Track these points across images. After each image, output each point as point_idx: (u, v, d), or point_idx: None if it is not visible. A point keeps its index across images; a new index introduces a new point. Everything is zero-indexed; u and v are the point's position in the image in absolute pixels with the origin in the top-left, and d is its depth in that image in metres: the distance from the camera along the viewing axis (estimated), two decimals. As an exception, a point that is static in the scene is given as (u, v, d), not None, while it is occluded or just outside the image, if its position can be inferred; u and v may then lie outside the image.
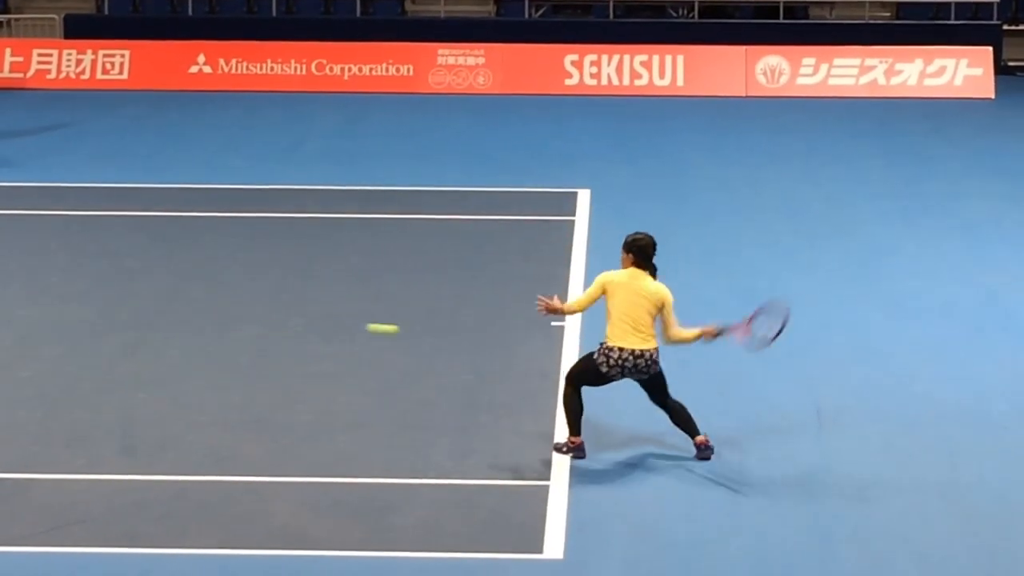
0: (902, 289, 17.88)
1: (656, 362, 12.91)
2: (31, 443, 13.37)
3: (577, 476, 12.66)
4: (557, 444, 13.14)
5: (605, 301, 12.94)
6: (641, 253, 13.00)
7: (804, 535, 11.80)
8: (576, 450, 12.99)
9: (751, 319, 13.20)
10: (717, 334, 13.12)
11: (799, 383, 14.87)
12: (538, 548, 11.47)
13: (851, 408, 14.28)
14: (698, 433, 13.12)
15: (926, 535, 11.82)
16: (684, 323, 12.86)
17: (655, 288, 12.93)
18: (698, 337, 13.09)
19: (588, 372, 12.99)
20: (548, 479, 12.60)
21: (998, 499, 12.43)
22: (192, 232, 20.00)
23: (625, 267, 13.02)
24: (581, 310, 13.30)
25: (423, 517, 11.99)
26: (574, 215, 20.75)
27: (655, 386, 13.07)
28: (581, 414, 13.01)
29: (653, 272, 13.04)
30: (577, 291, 17.24)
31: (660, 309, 12.89)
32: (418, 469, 12.83)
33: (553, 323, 16.26)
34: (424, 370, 15.10)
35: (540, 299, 13.10)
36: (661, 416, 13.27)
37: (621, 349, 12.81)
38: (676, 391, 13.28)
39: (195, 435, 13.56)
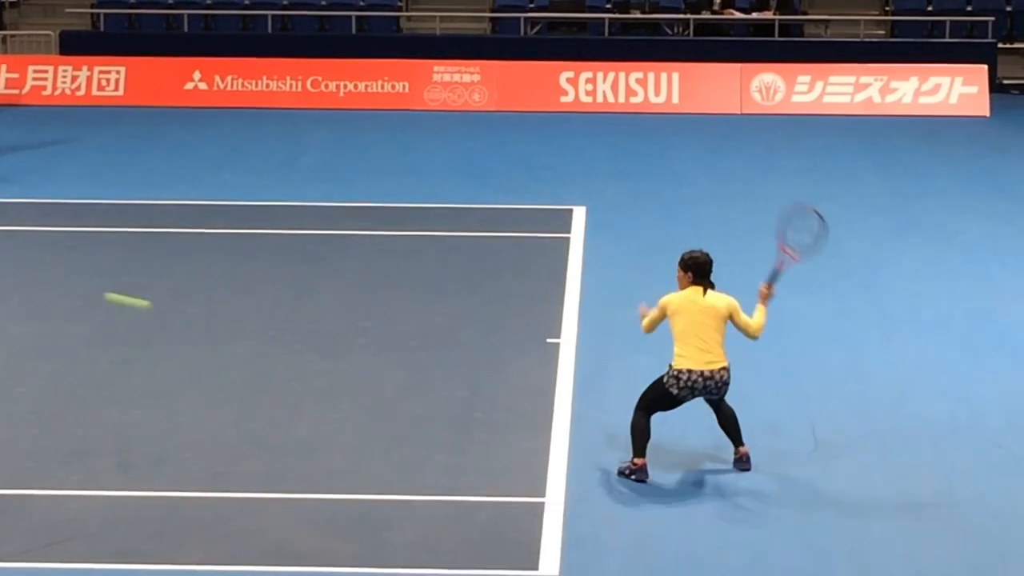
0: (897, 306, 17.92)
1: (727, 383, 12.92)
2: (26, 459, 13.38)
3: (573, 492, 12.67)
4: (621, 467, 13.04)
5: (669, 323, 12.94)
6: (700, 270, 12.97)
7: (801, 552, 11.81)
8: (639, 471, 12.93)
9: (784, 244, 13.22)
10: (771, 286, 13.17)
11: (794, 400, 14.90)
12: (534, 564, 11.48)
13: (846, 425, 14.29)
14: (742, 444, 13.20)
15: (924, 552, 11.83)
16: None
17: (716, 300, 12.95)
18: (765, 307, 13.10)
19: (660, 399, 12.97)
20: (544, 495, 12.61)
21: (995, 515, 12.46)
22: (187, 248, 20.02)
23: (683, 287, 13.00)
24: (650, 331, 13.24)
25: (418, 533, 12.01)
26: (569, 232, 20.77)
27: (720, 401, 13.12)
28: (648, 439, 12.95)
29: (710, 288, 13.00)
30: (572, 309, 17.29)
31: (728, 319, 12.93)
32: (413, 485, 12.85)
33: (548, 340, 16.30)
34: (419, 386, 15.12)
35: (642, 307, 13.20)
36: (658, 433, 13.29)
37: (690, 371, 12.81)
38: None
39: (190, 451, 13.57)
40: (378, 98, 30.26)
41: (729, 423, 13.19)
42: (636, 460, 12.96)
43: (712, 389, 12.89)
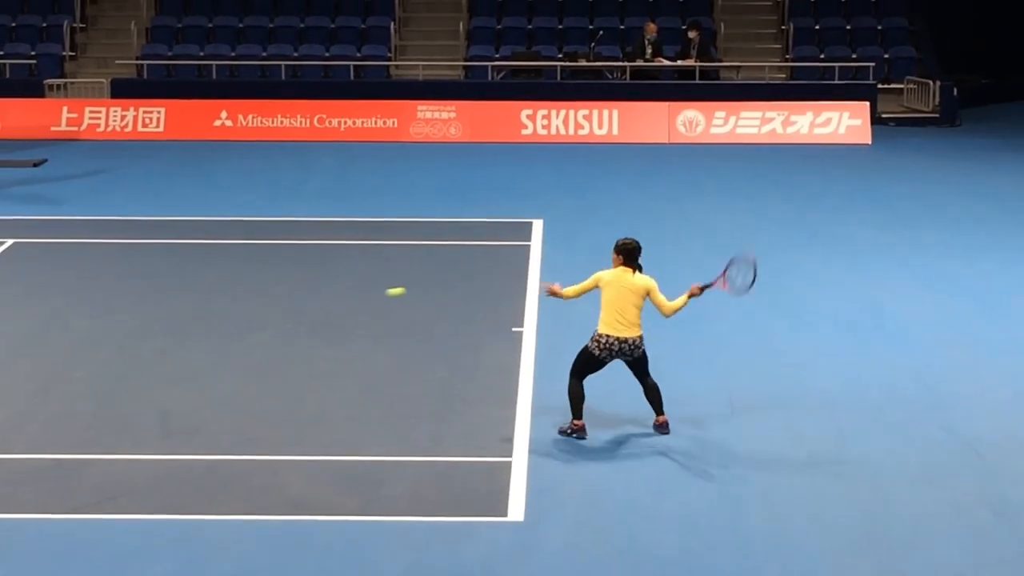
0: (798, 300, 17.96)
1: (639, 347, 12.98)
2: (85, 430, 13.34)
3: (534, 453, 12.67)
4: (562, 428, 13.10)
5: (600, 293, 13.02)
6: (630, 255, 13.03)
7: (719, 499, 11.83)
8: (578, 431, 13.02)
9: (725, 271, 13.26)
10: (702, 290, 13.16)
11: (715, 377, 14.92)
12: (503, 512, 11.49)
13: (757, 397, 14.32)
14: (662, 413, 13.23)
15: (819, 499, 11.86)
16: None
17: (639, 281, 12.97)
18: (688, 300, 13.13)
19: (587, 362, 13.03)
20: (510, 456, 12.61)
21: (878, 470, 12.50)
22: (215, 256, 19.97)
23: (615, 267, 13.06)
24: (575, 296, 13.27)
25: (408, 488, 12.00)
26: (530, 240, 20.77)
27: (639, 366, 13.17)
28: (583, 401, 13.03)
29: (638, 270, 13.05)
30: (532, 304, 17.28)
31: (646, 297, 12.97)
32: (403, 448, 12.84)
33: (513, 329, 16.30)
34: (407, 368, 15.10)
35: (543, 284, 13.22)
36: (610, 404, 13.29)
37: (608, 336, 12.91)
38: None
39: (220, 422, 13.54)
40: (372, 132, 30.24)
41: (653, 395, 13.24)
42: (575, 422, 13.04)
43: (627, 351, 12.95)
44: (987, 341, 16.26)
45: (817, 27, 34.23)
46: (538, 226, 21.69)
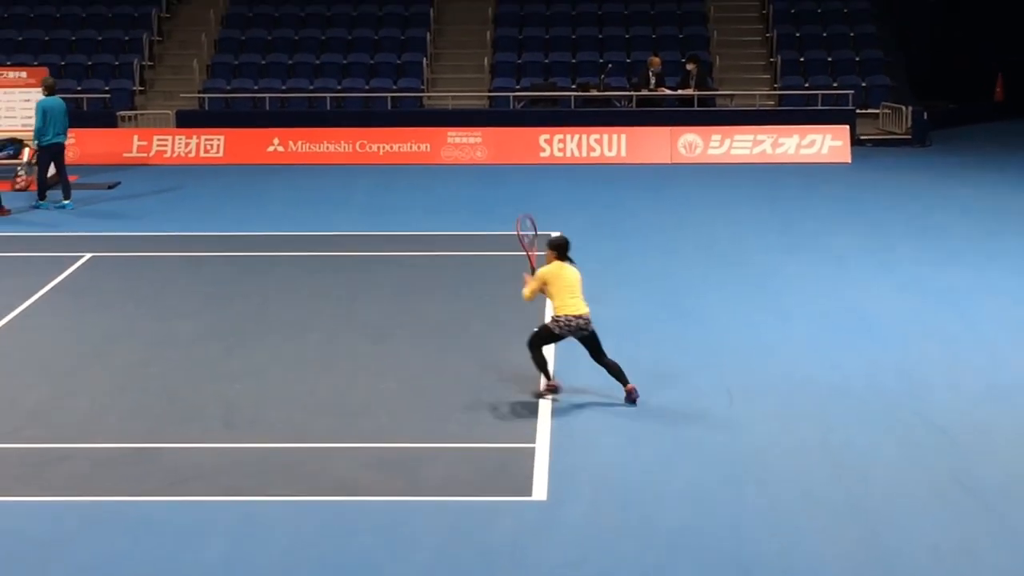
0: (787, 302, 17.90)
1: (590, 322, 13.36)
2: (157, 421, 13.37)
3: (555, 440, 12.67)
4: (539, 392, 13.44)
5: (546, 289, 13.45)
6: (561, 250, 13.64)
7: (719, 478, 11.81)
8: (553, 390, 13.39)
9: (521, 236, 14.21)
10: (532, 268, 13.88)
11: (714, 371, 14.88)
12: (528, 492, 11.50)
13: (752, 389, 14.29)
14: (627, 383, 13.47)
15: (809, 479, 11.84)
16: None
17: (574, 270, 13.57)
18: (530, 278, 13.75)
19: (546, 338, 13.51)
20: (534, 442, 12.61)
21: (860, 453, 12.47)
22: (270, 266, 19.99)
23: (550, 261, 13.58)
24: (532, 297, 13.77)
25: (444, 471, 12.01)
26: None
27: (593, 343, 13.40)
28: (547, 364, 13.50)
29: (569, 262, 13.61)
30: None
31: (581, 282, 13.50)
32: (439, 436, 12.85)
33: (534, 330, 16.24)
34: (441, 365, 15.10)
35: (525, 275, 13.84)
36: (618, 398, 13.26)
37: (567, 316, 13.31)
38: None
39: (277, 414, 13.56)
40: (407, 156, 30.22)
41: (614, 371, 13.50)
42: (549, 383, 13.51)
43: (583, 327, 13.33)
44: (957, 337, 16.20)
45: (802, 59, 34.16)
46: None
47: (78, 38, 35.45)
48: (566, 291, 13.35)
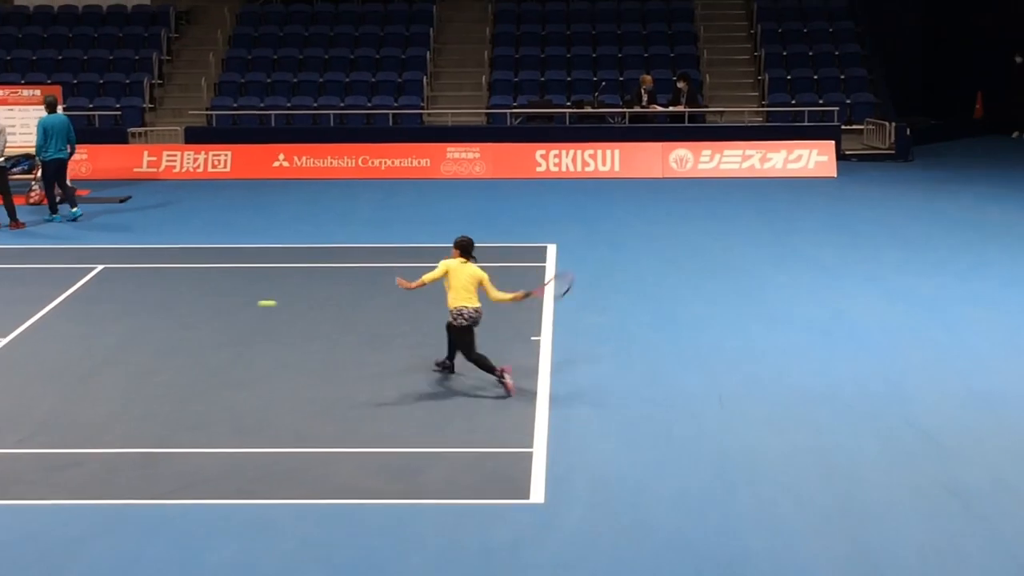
0: (776, 310, 17.85)
1: (480, 314, 14.05)
2: (165, 427, 13.30)
3: (552, 444, 12.61)
4: (502, 382, 13.88)
5: (445, 280, 14.05)
6: (464, 249, 14.18)
7: (713, 482, 11.75)
8: (507, 374, 13.92)
9: (546, 284, 14.65)
10: (525, 296, 14.29)
11: (706, 377, 14.83)
12: (526, 495, 11.44)
13: (742, 394, 14.23)
14: (495, 370, 14.01)
15: (799, 482, 11.78)
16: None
17: (474, 269, 14.09)
18: (514, 299, 14.21)
19: (467, 338, 14.09)
20: (531, 447, 12.55)
21: (849, 456, 12.41)
22: (276, 277, 19.92)
23: (455, 258, 14.11)
24: (429, 283, 14.18)
25: (444, 475, 11.94)
26: (544, 262, 20.69)
27: (466, 337, 14.07)
28: (488, 360, 13.98)
29: (472, 261, 14.14)
30: (548, 315, 17.20)
31: (480, 283, 14.04)
32: (439, 441, 12.78)
33: (532, 337, 16.22)
34: (441, 372, 15.00)
35: (398, 280, 14.08)
36: (619, 397, 13.17)
37: (464, 306, 14.00)
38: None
39: (281, 420, 13.49)
40: (408, 170, 30.19)
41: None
42: (500, 370, 13.93)
43: (475, 318, 14.00)
44: (941, 345, 16.15)
45: (789, 77, 34.15)
46: (552, 249, 21.61)
47: (90, 57, 35.43)
48: (461, 286, 13.97)
